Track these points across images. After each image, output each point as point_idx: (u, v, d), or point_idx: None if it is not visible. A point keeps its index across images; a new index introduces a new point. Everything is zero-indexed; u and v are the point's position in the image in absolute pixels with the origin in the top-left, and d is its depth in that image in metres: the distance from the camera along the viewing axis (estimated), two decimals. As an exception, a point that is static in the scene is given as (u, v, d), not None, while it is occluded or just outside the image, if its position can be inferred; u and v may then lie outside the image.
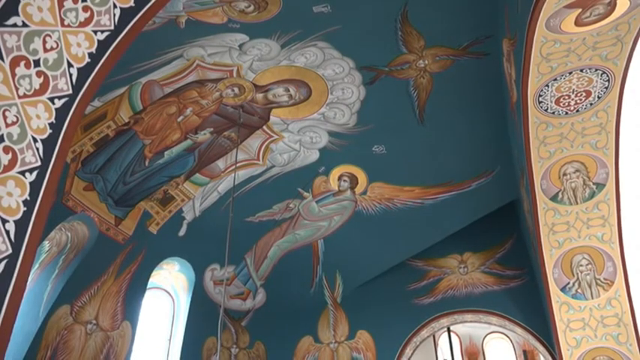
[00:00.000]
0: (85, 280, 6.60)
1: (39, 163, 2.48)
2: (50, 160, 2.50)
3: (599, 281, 6.62)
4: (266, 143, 7.13)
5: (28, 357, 5.96)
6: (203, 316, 7.82)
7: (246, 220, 7.77)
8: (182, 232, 7.53)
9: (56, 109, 2.65)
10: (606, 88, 5.10)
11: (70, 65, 2.77)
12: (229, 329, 8.18)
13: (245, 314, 8.35)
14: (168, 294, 8.39)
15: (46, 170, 2.48)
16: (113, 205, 6.68)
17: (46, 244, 6.53)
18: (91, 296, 6.68)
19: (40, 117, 2.53)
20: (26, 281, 2.14)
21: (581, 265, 6.67)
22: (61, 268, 6.49)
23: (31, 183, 2.41)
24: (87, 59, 2.88)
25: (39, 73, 2.56)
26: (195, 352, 7.77)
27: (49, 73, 2.62)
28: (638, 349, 6.34)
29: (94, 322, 6.70)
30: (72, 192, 6.19)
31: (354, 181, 7.63)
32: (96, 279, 6.71)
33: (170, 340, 8.04)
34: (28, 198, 2.38)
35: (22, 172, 2.39)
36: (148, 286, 7.67)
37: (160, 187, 7.04)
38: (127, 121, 6.17)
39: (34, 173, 2.44)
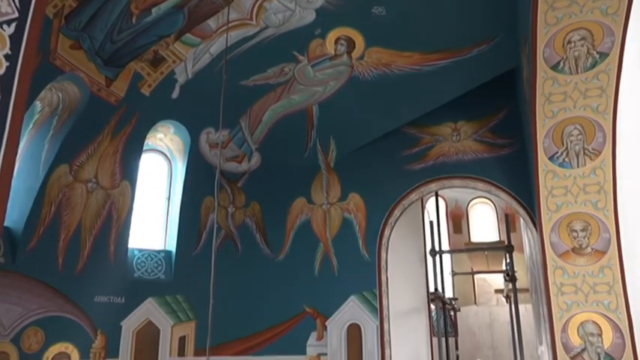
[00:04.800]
0: (81, 140, 6.68)
1: (16, 15, 2.33)
2: (28, 11, 2.34)
3: (587, 151, 6.77)
4: (259, 2, 6.71)
5: (33, 213, 6.27)
6: (200, 178, 8.07)
7: (241, 84, 7.63)
8: (175, 95, 7.44)
9: (28, -46, 2.42)
10: (627, -55, 4.71)
11: None
12: (226, 190, 8.49)
13: (240, 176, 8.61)
14: (165, 156, 8.56)
15: (25, 22, 2.33)
16: (102, 65, 6.49)
17: (38, 104, 6.48)
18: (89, 156, 6.80)
19: (11, -38, 2.33)
20: (18, 137, 2.15)
21: (572, 135, 6.76)
22: (55, 128, 6.52)
23: (10, 36, 2.29)
24: None
25: None
26: (194, 211, 8.16)
27: None
28: (613, 215, 6.70)
29: (94, 180, 6.91)
30: (58, 50, 5.97)
31: (350, 45, 7.36)
32: (92, 140, 6.79)
33: (169, 199, 8.39)
34: (10, 52, 2.28)
35: (0, 25, 2.26)
36: (145, 148, 7.79)
37: (150, 47, 6.78)
38: (108, -28, 5.73)
39: (13, 25, 2.30)
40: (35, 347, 6.33)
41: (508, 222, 9.36)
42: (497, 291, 13.42)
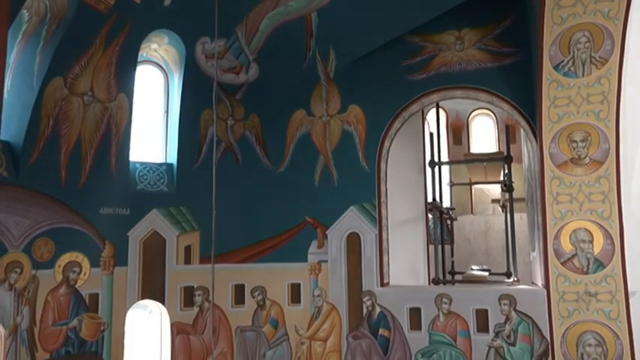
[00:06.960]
0: (74, 51, 6.50)
1: None
2: None
3: (593, 59, 6.60)
4: None
5: (31, 127, 6.25)
6: (197, 90, 7.92)
7: (235, -11, 7.26)
8: (167, 2, 7.10)
9: None
10: None
11: None
12: (224, 102, 8.37)
13: (239, 88, 8.43)
14: (161, 68, 8.36)
15: None
16: (87, -32, 6.15)
17: (25, 13, 6.22)
18: (83, 68, 6.65)
19: None
20: (5, 42, 2.07)
21: (580, 43, 6.57)
22: (45, 39, 6.31)
23: None
24: None
25: None
26: (193, 124, 8.11)
27: None
28: (614, 125, 6.68)
29: (90, 93, 6.80)
30: (40, -47, 5.62)
31: (351, -55, 6.90)
32: (84, 51, 6.59)
33: (167, 112, 8.31)
34: (-12, -47, 2.15)
35: None
36: (140, 60, 7.58)
37: (137, -51, 6.38)
38: None
39: None
40: (47, 256, 6.60)
41: (508, 133, 9.34)
42: (493, 201, 13.71)
